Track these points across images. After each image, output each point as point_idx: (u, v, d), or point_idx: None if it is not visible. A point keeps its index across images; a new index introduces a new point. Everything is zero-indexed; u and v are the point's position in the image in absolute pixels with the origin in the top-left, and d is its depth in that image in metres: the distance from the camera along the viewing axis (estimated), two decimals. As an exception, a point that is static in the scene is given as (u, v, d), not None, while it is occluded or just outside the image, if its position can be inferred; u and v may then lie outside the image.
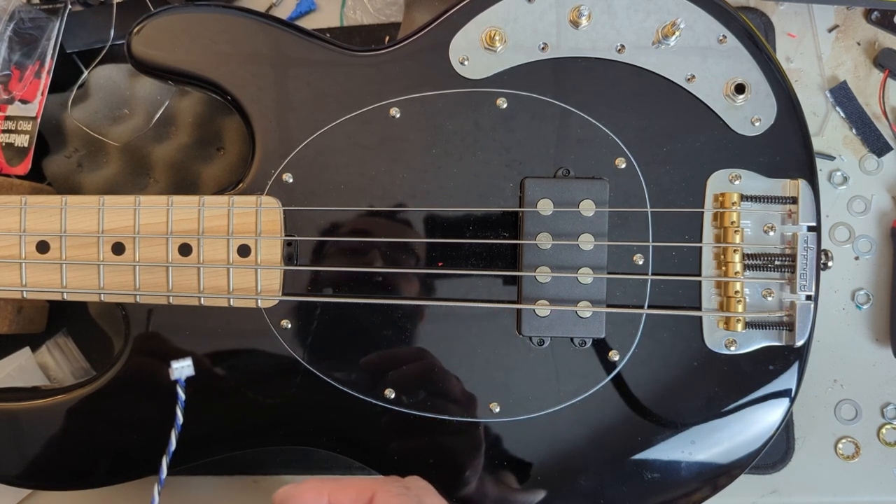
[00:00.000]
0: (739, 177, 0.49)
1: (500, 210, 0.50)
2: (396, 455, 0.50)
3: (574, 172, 0.50)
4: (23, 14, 0.63)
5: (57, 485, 0.53)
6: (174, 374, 0.47)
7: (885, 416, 0.60)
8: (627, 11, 0.50)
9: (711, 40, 0.50)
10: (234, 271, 0.50)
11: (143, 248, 0.51)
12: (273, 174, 0.51)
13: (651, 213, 0.50)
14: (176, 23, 0.51)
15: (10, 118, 0.63)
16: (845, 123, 0.62)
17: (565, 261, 0.50)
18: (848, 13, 0.63)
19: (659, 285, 0.50)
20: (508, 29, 0.50)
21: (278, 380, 0.51)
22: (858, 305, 0.61)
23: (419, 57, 0.51)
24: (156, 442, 0.51)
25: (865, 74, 0.62)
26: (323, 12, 0.67)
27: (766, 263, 0.49)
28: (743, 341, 0.49)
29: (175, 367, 0.47)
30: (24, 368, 0.62)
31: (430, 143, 0.50)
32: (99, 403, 0.51)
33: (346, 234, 0.51)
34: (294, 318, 0.50)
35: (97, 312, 0.62)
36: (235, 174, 0.61)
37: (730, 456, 0.49)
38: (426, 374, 0.50)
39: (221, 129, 0.63)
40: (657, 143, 0.50)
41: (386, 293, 0.50)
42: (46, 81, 0.62)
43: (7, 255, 0.52)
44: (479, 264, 0.50)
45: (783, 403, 0.50)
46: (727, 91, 0.50)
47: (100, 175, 0.63)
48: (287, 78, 0.51)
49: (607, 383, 0.49)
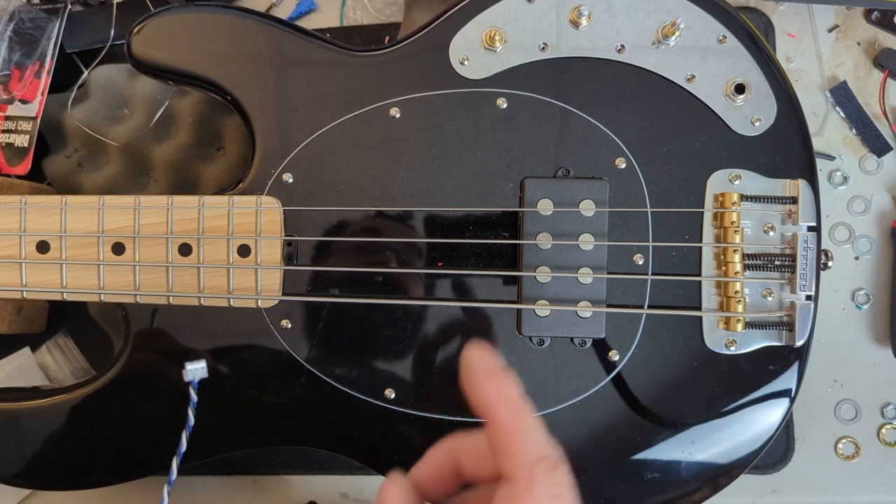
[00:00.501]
0: (739, 177, 0.49)
1: (500, 210, 0.50)
2: (397, 455, 0.50)
3: (574, 172, 0.50)
4: (23, 14, 0.63)
5: (57, 485, 0.53)
6: (188, 376, 0.46)
7: (885, 416, 0.60)
8: (627, 11, 0.50)
9: (711, 40, 0.50)
10: (234, 271, 0.50)
11: (143, 248, 0.51)
12: (273, 174, 0.51)
13: (651, 213, 0.50)
14: (176, 23, 0.51)
15: (10, 118, 0.63)
16: (845, 123, 0.62)
17: (565, 261, 0.50)
18: (848, 13, 0.63)
19: (659, 285, 0.50)
20: (508, 29, 0.50)
21: (278, 380, 0.51)
22: (858, 305, 0.61)
23: (419, 57, 0.51)
24: (156, 442, 0.51)
25: (865, 74, 0.62)
26: (323, 12, 0.67)
27: (766, 263, 0.49)
28: (743, 341, 0.49)
29: (189, 368, 0.46)
30: (24, 368, 0.62)
31: (430, 143, 0.50)
32: (99, 403, 0.51)
33: (346, 234, 0.51)
34: (294, 318, 0.50)
35: (97, 312, 0.62)
36: (235, 174, 0.61)
37: (730, 456, 0.49)
38: (426, 374, 0.50)
39: (221, 129, 0.63)
40: (657, 143, 0.50)
41: (386, 293, 0.50)
42: (46, 81, 0.62)
43: (7, 255, 0.52)
44: (479, 264, 0.50)
45: (783, 403, 0.50)
46: (727, 91, 0.50)
47: (100, 175, 0.63)
48: (287, 78, 0.51)
49: (607, 383, 0.49)
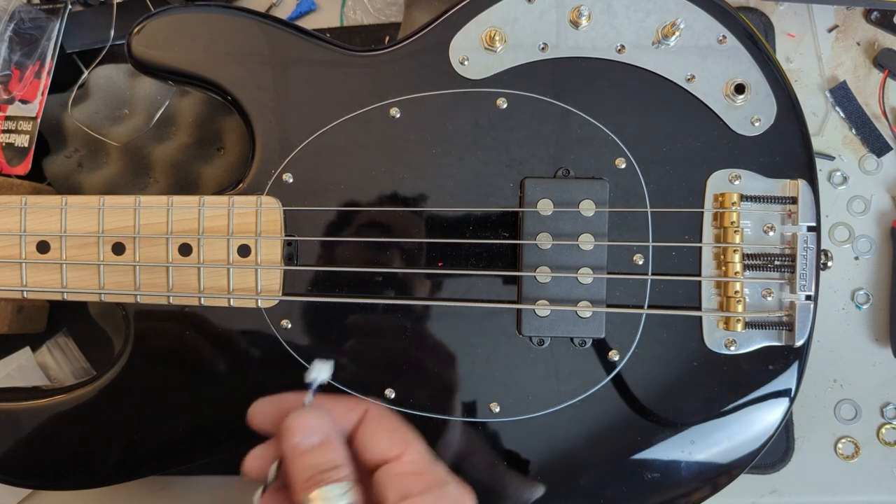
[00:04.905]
0: (739, 177, 0.49)
1: (500, 210, 0.50)
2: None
3: (574, 172, 0.50)
4: (23, 14, 0.63)
5: (57, 485, 0.53)
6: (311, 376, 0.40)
7: (884, 415, 0.60)
8: (627, 11, 0.50)
9: (711, 40, 0.50)
10: (234, 271, 0.50)
11: (144, 248, 0.51)
12: (273, 174, 0.51)
13: (651, 213, 0.50)
14: (176, 23, 0.51)
15: (10, 118, 0.63)
16: (845, 123, 0.62)
17: (565, 261, 0.50)
18: (848, 13, 0.63)
19: (659, 285, 0.50)
20: (508, 29, 0.50)
21: (278, 380, 0.51)
22: (858, 305, 0.61)
23: (419, 57, 0.51)
24: (156, 442, 0.51)
25: (865, 74, 0.62)
26: (323, 12, 0.67)
27: (766, 263, 0.49)
28: (743, 341, 0.49)
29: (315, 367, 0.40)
30: (24, 368, 0.62)
31: (430, 143, 0.50)
32: (99, 403, 0.51)
33: (346, 234, 0.51)
34: (294, 318, 0.50)
35: (97, 312, 0.62)
36: (235, 174, 0.61)
37: (729, 456, 0.49)
38: (426, 374, 0.50)
39: (221, 129, 0.63)
40: (657, 143, 0.50)
41: (386, 293, 0.50)
42: (46, 81, 0.62)
43: (7, 255, 0.52)
44: (479, 264, 0.50)
45: (783, 403, 0.50)
46: (727, 91, 0.50)
47: (100, 175, 0.63)
48: (287, 78, 0.51)
49: (607, 383, 0.50)
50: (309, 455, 0.36)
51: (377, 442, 0.38)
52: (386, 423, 0.39)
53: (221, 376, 0.51)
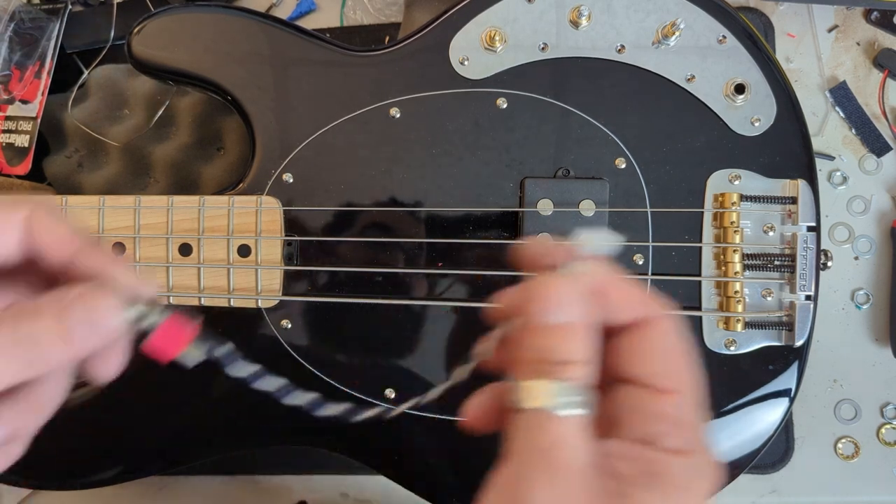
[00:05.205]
0: (739, 177, 0.49)
1: (500, 210, 0.50)
2: (397, 455, 0.50)
3: (574, 172, 0.50)
4: (23, 14, 0.63)
5: (57, 484, 0.53)
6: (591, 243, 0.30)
7: (884, 415, 0.60)
8: (627, 11, 0.50)
9: (711, 40, 0.50)
10: (234, 271, 0.50)
11: (144, 247, 0.51)
12: (273, 174, 0.51)
13: (651, 213, 0.50)
14: (176, 23, 0.51)
15: (10, 118, 0.63)
16: (845, 123, 0.62)
17: (565, 261, 0.50)
18: (848, 13, 0.63)
19: (659, 285, 0.50)
20: (508, 29, 0.50)
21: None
22: (858, 305, 0.61)
23: (419, 57, 0.51)
24: (157, 441, 0.51)
25: (865, 74, 0.62)
26: (323, 12, 0.67)
27: (766, 263, 0.49)
28: (742, 341, 0.49)
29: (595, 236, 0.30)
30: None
31: (430, 143, 0.50)
32: (100, 403, 0.51)
33: (345, 234, 0.51)
34: (294, 318, 0.50)
35: (97, 312, 0.62)
36: (235, 174, 0.61)
37: (729, 455, 0.49)
38: (427, 374, 0.50)
39: (221, 129, 0.63)
40: (657, 143, 0.50)
41: (386, 293, 0.50)
42: (47, 81, 0.62)
43: (7, 255, 0.51)
44: (479, 264, 0.50)
45: (783, 403, 0.50)
46: (727, 91, 0.50)
47: (100, 175, 0.63)
48: (287, 78, 0.51)
49: (607, 383, 0.49)
50: (545, 335, 0.27)
51: (651, 364, 0.29)
52: (672, 344, 0.29)
53: (220, 376, 0.51)
